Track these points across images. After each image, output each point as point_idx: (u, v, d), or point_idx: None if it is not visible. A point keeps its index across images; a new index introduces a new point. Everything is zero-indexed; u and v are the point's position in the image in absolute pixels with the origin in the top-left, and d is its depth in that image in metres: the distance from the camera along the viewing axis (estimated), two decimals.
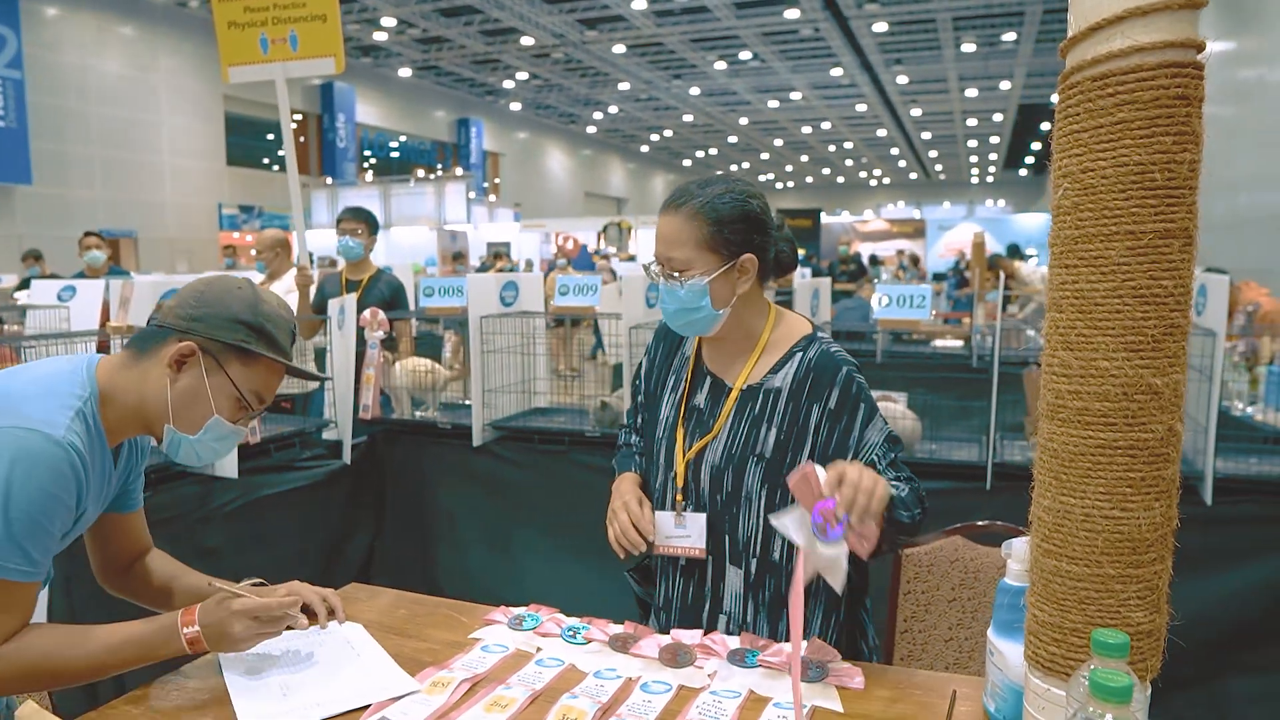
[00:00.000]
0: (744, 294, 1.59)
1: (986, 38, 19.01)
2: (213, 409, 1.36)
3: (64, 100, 15.09)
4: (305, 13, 4.08)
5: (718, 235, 1.54)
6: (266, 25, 4.12)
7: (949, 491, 3.12)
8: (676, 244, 1.55)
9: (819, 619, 1.60)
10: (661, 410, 1.72)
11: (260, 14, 4.12)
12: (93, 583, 2.63)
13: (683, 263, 1.55)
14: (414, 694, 1.29)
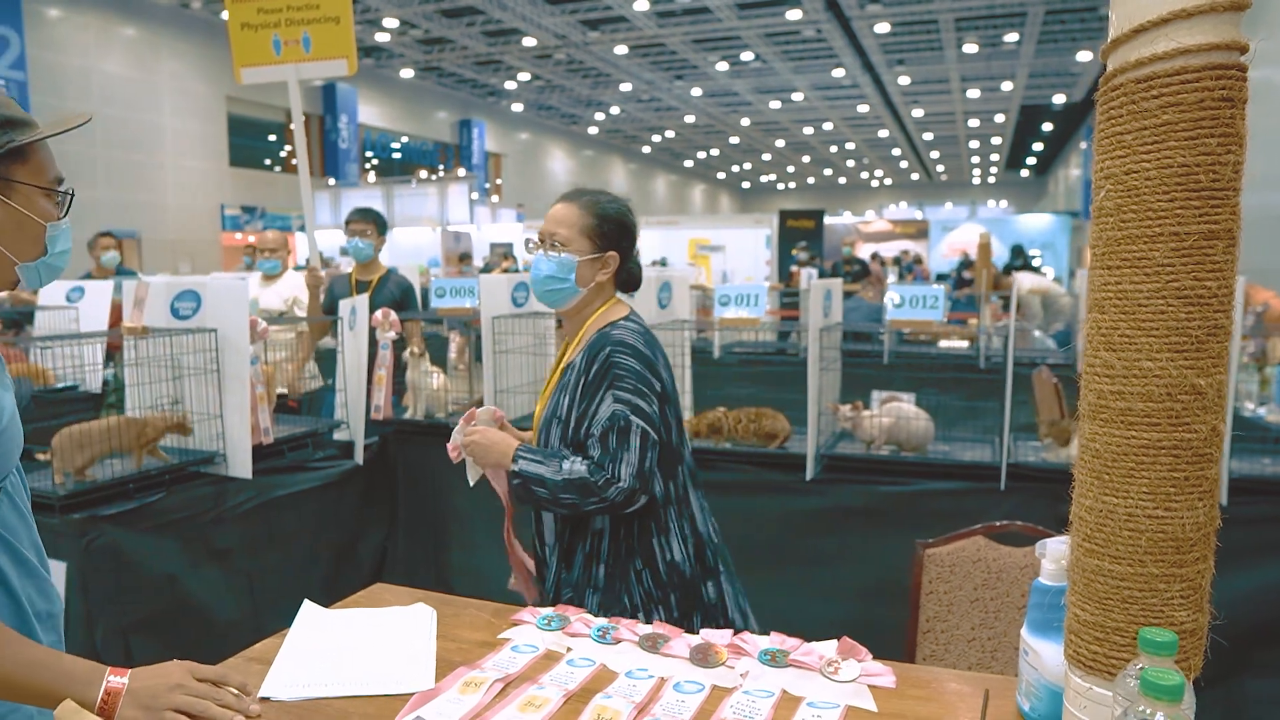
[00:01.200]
0: (601, 283, 1.92)
1: (989, 38, 19.01)
2: (39, 221, 1.27)
3: (67, 102, 15.08)
4: (319, 14, 4.08)
5: (597, 228, 1.90)
6: (280, 27, 4.13)
7: (962, 492, 3.12)
8: (563, 224, 1.91)
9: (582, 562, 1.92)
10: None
11: (274, 15, 4.13)
12: (109, 580, 2.64)
13: (563, 240, 1.89)
14: (447, 694, 1.30)
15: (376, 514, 3.71)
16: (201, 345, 2.97)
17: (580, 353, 1.89)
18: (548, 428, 1.91)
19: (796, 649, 1.42)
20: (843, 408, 3.33)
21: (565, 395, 1.88)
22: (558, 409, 1.89)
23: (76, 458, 2.71)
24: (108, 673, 1.19)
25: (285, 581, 3.21)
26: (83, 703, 1.15)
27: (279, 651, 1.45)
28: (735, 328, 3.74)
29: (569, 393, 1.87)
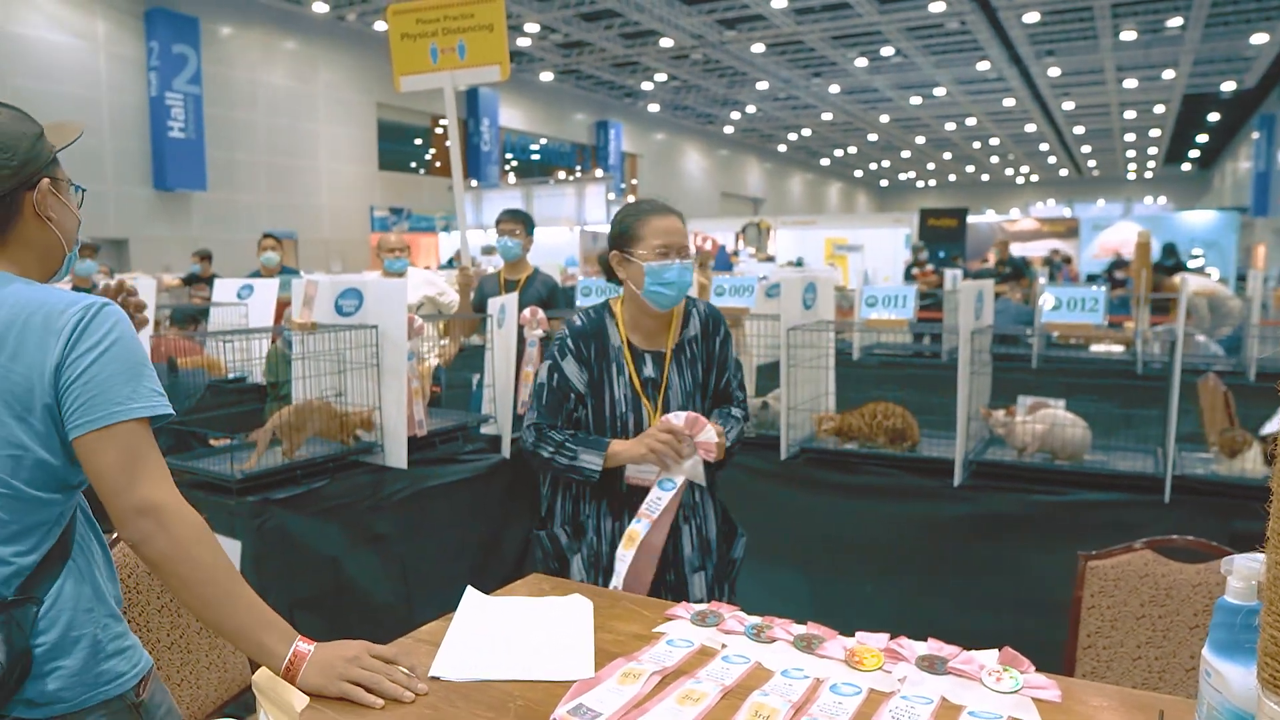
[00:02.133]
0: None
1: (1149, 24, 17.94)
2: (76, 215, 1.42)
3: (234, 111, 16.14)
4: (474, 23, 4.24)
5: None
6: (437, 35, 4.30)
7: (1123, 504, 2.98)
8: (684, 235, 2.13)
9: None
10: (612, 393, 2.11)
11: (432, 25, 4.31)
12: (278, 559, 2.82)
13: (688, 250, 2.11)
14: (607, 683, 1.33)
15: (521, 507, 3.82)
16: (362, 341, 3.13)
17: (691, 331, 2.19)
18: (690, 402, 2.15)
19: (955, 656, 1.39)
20: (996, 413, 3.23)
21: (697, 367, 2.17)
22: (697, 380, 2.17)
23: (295, 435, 2.96)
24: (298, 638, 1.33)
25: (436, 568, 3.35)
26: (272, 655, 1.30)
27: (446, 634, 1.52)
28: (874, 329, 3.68)
29: (699, 363, 2.17)
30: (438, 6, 4.27)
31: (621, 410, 2.11)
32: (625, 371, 2.12)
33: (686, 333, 2.18)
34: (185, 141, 14.80)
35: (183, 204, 15.36)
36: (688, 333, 2.18)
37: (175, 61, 14.52)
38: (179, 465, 2.94)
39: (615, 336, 2.14)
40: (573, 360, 2.12)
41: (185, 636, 1.89)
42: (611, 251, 2.16)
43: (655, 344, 2.16)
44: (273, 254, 6.27)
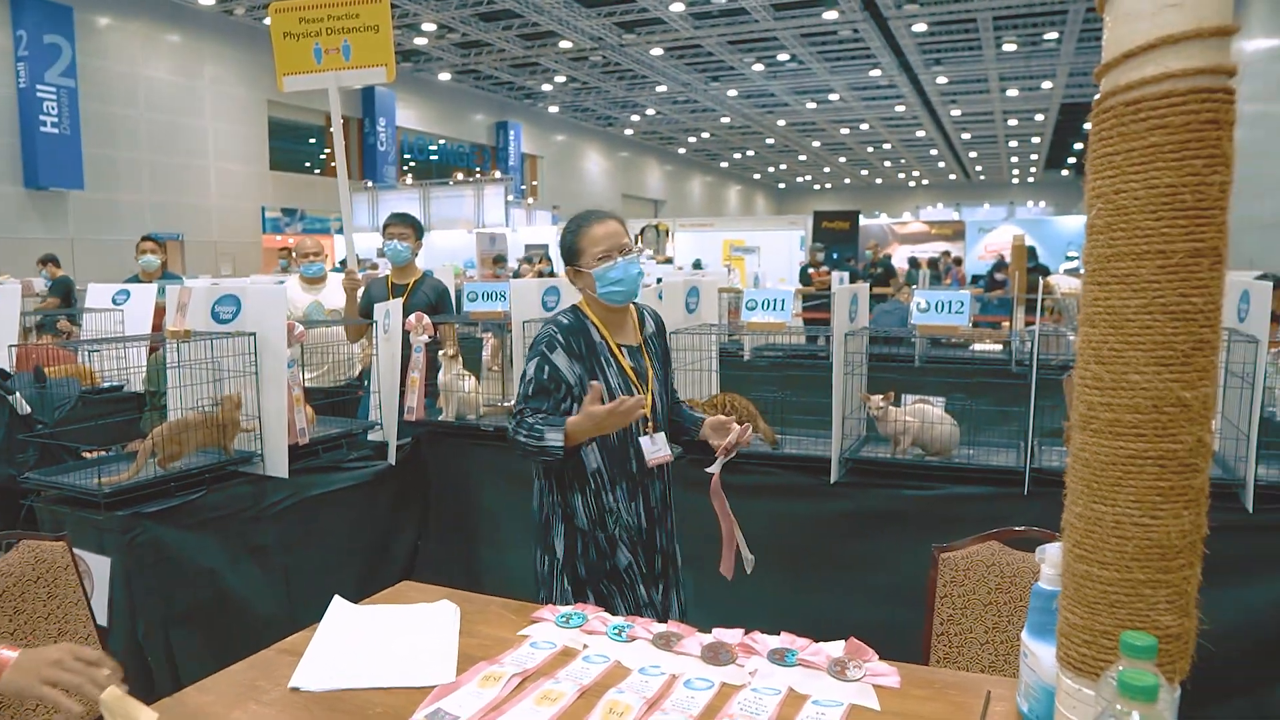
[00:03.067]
0: None
1: (1028, 37, 18.81)
2: None
3: (114, 107, 15.46)
4: (359, 23, 4.18)
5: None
6: (320, 35, 4.22)
7: (987, 497, 3.13)
8: (622, 235, 2.31)
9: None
10: (609, 385, 2.22)
11: (315, 24, 4.22)
12: (151, 575, 2.74)
13: (628, 246, 2.28)
14: (467, 687, 1.36)
15: (409, 513, 3.79)
16: (241, 349, 3.07)
17: (649, 327, 2.39)
18: (665, 383, 2.39)
19: (805, 649, 1.46)
20: (874, 397, 3.35)
21: (658, 362, 2.36)
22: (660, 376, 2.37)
23: (171, 448, 2.88)
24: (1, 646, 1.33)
25: (320, 578, 3.29)
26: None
27: (309, 645, 1.52)
28: (763, 331, 3.77)
29: (660, 359, 2.38)
30: (321, 6, 4.19)
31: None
32: (615, 363, 2.26)
33: (646, 329, 2.38)
34: (59, 137, 14.12)
35: (57, 203, 14.64)
36: (647, 329, 2.38)
37: (47, 52, 13.83)
38: (42, 480, 2.82)
39: (596, 333, 2.27)
40: (563, 353, 2.22)
41: None
42: (566, 268, 2.33)
43: (629, 339, 2.33)
44: (152, 257, 6.04)
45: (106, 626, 2.63)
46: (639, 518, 2.29)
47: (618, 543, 2.26)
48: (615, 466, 2.25)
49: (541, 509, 2.32)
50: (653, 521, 2.31)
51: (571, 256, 2.31)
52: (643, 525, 2.29)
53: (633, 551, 2.27)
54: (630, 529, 2.27)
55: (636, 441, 2.26)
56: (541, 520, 2.32)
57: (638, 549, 2.28)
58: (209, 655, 2.75)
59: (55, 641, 1.86)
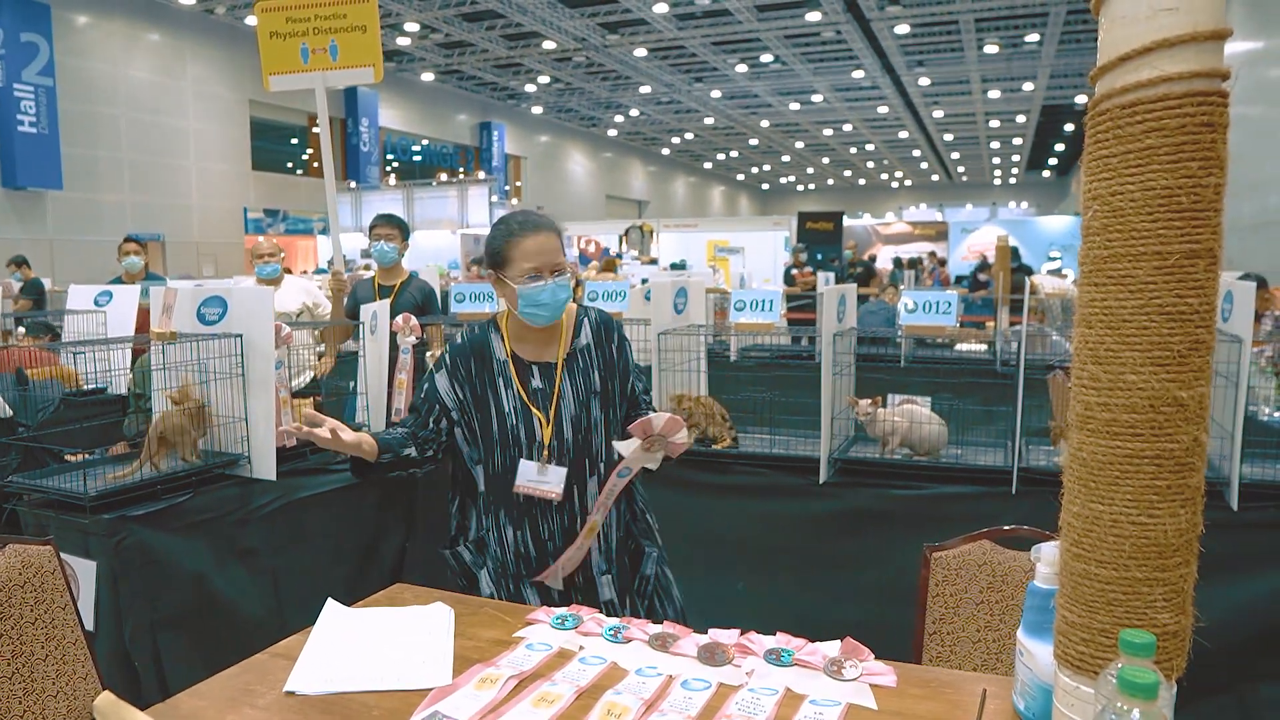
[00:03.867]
0: None
1: (1009, 39, 18.94)
2: None
3: (94, 106, 15.33)
4: (346, 23, 4.17)
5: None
6: (308, 35, 4.21)
7: (974, 496, 3.15)
8: (556, 252, 2.11)
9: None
10: (500, 406, 2.13)
11: (302, 24, 4.21)
12: (138, 579, 2.72)
13: (561, 266, 2.10)
14: (464, 689, 1.35)
15: (396, 516, 3.78)
16: (227, 350, 3.05)
17: (583, 340, 2.20)
18: (586, 405, 2.15)
19: (801, 649, 1.46)
20: (862, 402, 3.36)
21: (591, 375, 2.17)
22: (591, 388, 2.17)
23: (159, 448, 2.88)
24: None
25: (309, 580, 3.28)
26: None
27: (303, 648, 1.51)
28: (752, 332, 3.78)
29: (594, 371, 2.17)
30: (308, 5, 4.18)
31: (512, 422, 2.13)
32: (513, 384, 2.14)
33: (578, 342, 2.20)
34: (37, 136, 13.98)
35: (35, 203, 14.50)
36: (579, 342, 2.20)
37: (24, 50, 13.69)
38: (25, 484, 2.80)
39: (500, 350, 2.16)
40: (445, 376, 2.15)
41: (29, 664, 1.81)
42: (487, 272, 2.18)
43: (544, 355, 2.17)
44: (136, 259, 5.99)
45: (93, 631, 2.61)
46: (525, 547, 2.14)
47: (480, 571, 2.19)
48: (493, 489, 2.16)
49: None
50: (544, 554, 2.13)
51: (497, 262, 2.13)
52: (532, 554, 2.14)
53: (496, 583, 2.15)
54: (497, 561, 2.16)
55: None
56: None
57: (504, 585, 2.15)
58: (197, 659, 2.74)
59: (44, 647, 1.84)
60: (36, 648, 1.82)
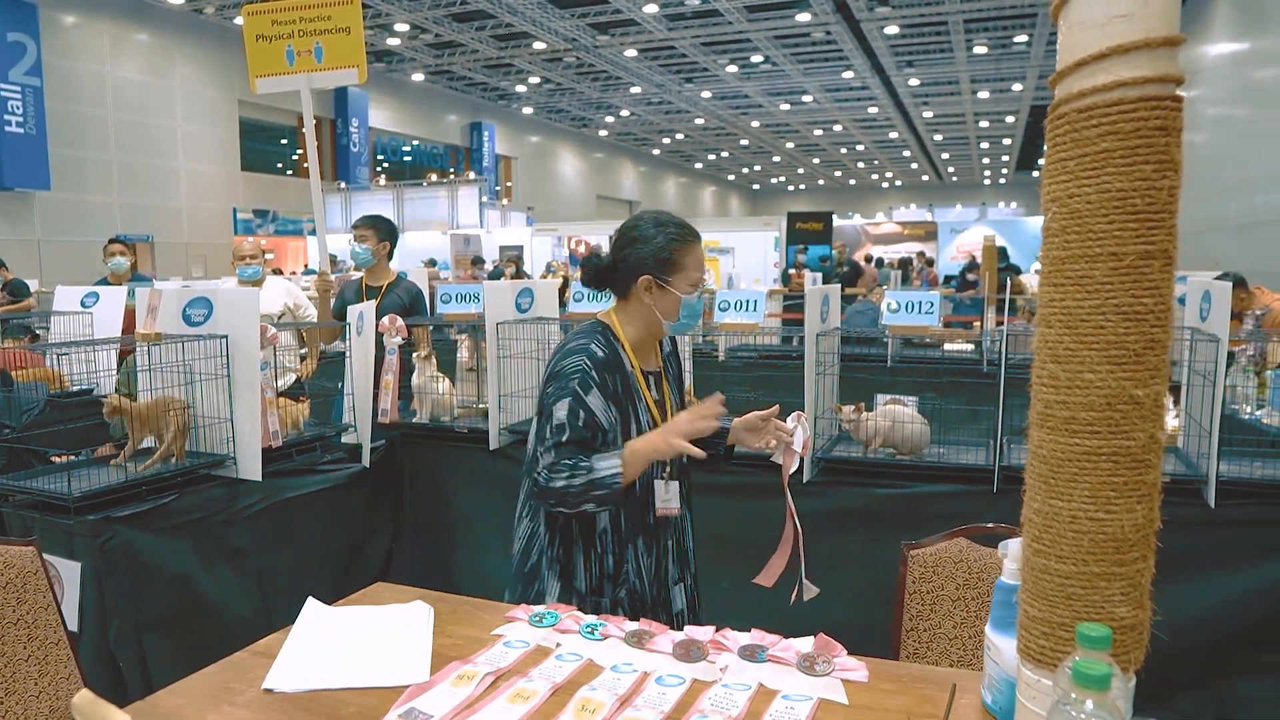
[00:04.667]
0: None
1: (998, 40, 19.03)
2: None
3: (81, 106, 15.29)
4: (330, 25, 4.20)
5: None
6: (293, 38, 4.24)
7: (958, 495, 3.17)
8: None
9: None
10: (639, 425, 1.97)
11: (287, 27, 4.25)
12: (123, 579, 2.73)
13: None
14: (441, 686, 1.37)
15: (383, 516, 3.79)
16: (213, 351, 3.06)
17: (666, 346, 2.13)
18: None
19: (775, 645, 1.48)
20: (846, 408, 3.39)
21: (674, 388, 2.14)
22: (679, 391, 2.18)
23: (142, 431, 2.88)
24: None
25: (295, 581, 3.28)
26: None
27: (282, 646, 1.52)
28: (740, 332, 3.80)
29: (676, 382, 2.16)
30: (293, 8, 4.21)
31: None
32: (643, 398, 1.98)
33: (664, 350, 2.12)
34: (25, 137, 13.93)
35: (23, 204, 14.45)
36: (665, 350, 2.12)
37: (11, 50, 13.65)
38: (10, 485, 2.80)
39: (627, 361, 1.97)
40: (598, 395, 1.87)
41: (10, 665, 1.82)
42: (643, 276, 1.92)
43: (650, 364, 2.04)
44: (122, 259, 5.98)
45: (77, 632, 2.62)
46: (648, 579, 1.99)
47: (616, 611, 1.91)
48: (631, 519, 1.95)
49: (530, 556, 1.98)
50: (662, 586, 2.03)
51: (664, 268, 1.91)
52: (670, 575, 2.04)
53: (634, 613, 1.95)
54: (637, 594, 1.97)
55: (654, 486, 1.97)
56: (527, 570, 1.98)
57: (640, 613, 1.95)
58: (182, 660, 2.74)
59: (25, 647, 1.85)
60: (19, 648, 1.83)
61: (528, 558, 1.97)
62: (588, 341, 1.92)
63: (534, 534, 1.97)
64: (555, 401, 1.86)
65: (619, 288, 1.99)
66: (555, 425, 1.84)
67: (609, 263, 1.98)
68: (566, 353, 1.91)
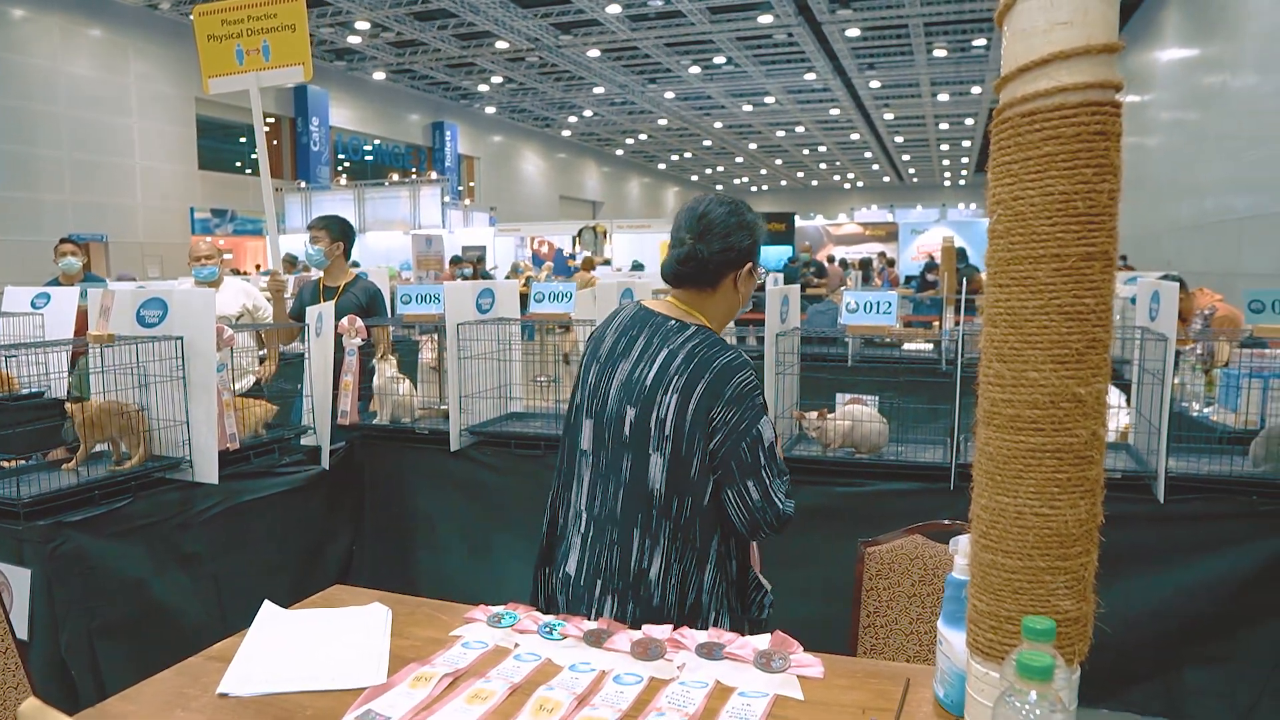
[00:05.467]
0: None
1: (958, 43, 19.27)
2: None
3: (31, 103, 14.97)
4: (276, 23, 4.19)
5: None
6: (241, 37, 4.23)
7: (915, 493, 3.22)
8: None
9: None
10: None
11: (236, 26, 4.23)
12: (74, 586, 2.68)
13: None
14: (398, 688, 1.36)
15: (343, 518, 3.76)
16: (168, 353, 3.01)
17: None
18: None
19: (732, 643, 1.50)
20: (809, 415, 3.41)
21: None
22: None
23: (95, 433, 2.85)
24: None
25: (252, 585, 3.25)
26: None
27: (238, 650, 1.51)
28: None
29: None
30: (240, 7, 4.22)
31: None
32: None
33: None
34: None
35: None
36: None
37: None
38: None
39: None
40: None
41: None
42: (747, 264, 1.86)
43: None
44: (73, 259, 5.87)
45: (27, 641, 2.57)
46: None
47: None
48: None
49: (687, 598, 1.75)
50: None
51: (755, 255, 1.88)
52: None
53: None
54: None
55: None
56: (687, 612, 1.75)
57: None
58: (137, 667, 2.68)
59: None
60: None
61: (683, 603, 1.75)
62: (735, 353, 1.78)
63: (686, 574, 1.75)
64: (758, 419, 1.73)
65: (708, 279, 1.85)
66: (769, 447, 1.73)
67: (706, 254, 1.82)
68: (731, 369, 1.74)
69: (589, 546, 1.79)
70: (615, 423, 1.79)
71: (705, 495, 1.72)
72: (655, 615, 1.70)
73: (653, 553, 1.73)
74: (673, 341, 1.78)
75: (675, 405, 1.72)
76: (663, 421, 1.72)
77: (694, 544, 1.73)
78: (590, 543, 1.79)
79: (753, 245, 1.86)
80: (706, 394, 1.71)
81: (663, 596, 1.72)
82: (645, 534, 1.73)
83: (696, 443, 1.71)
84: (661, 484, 1.72)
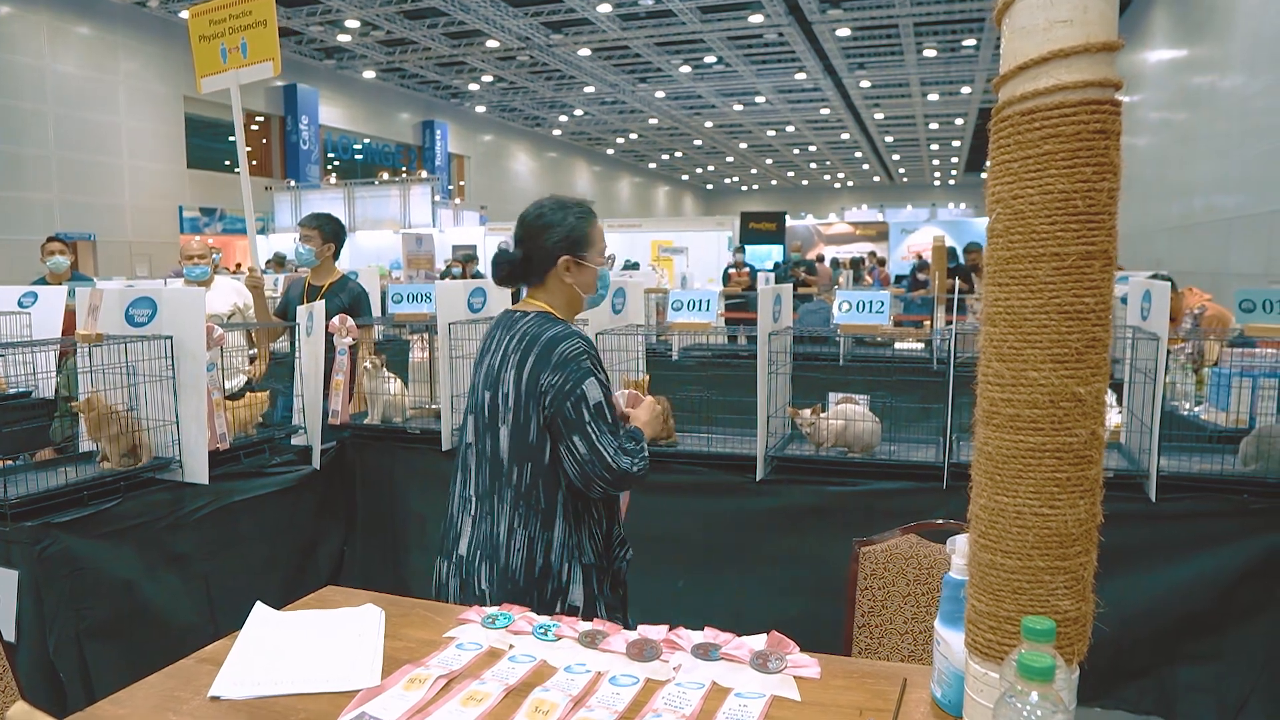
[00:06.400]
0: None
1: (948, 43, 19.31)
2: None
3: (19, 101, 14.86)
4: (251, 20, 4.23)
5: None
6: (225, 35, 4.26)
7: (908, 492, 3.21)
8: None
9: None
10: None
11: (220, 25, 4.28)
12: (63, 587, 2.66)
13: None
14: (392, 690, 1.35)
15: (334, 518, 3.74)
16: (157, 353, 2.99)
17: None
18: None
19: (728, 644, 1.49)
20: (803, 412, 3.41)
21: None
22: None
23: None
24: None
25: (243, 586, 3.23)
26: None
27: (230, 653, 1.49)
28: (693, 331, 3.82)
29: None
30: (224, 5, 4.26)
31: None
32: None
33: None
34: None
35: None
36: None
37: None
38: None
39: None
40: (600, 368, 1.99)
41: None
42: (563, 258, 2.00)
43: None
44: (61, 258, 5.83)
45: (14, 643, 2.54)
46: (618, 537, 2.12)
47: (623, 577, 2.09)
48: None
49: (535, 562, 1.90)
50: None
51: (579, 245, 2.01)
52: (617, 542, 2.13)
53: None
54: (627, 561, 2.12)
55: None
56: (537, 575, 1.90)
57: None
58: (126, 669, 2.67)
59: None
60: None
61: (533, 566, 1.90)
62: (564, 327, 1.97)
63: (533, 540, 1.90)
64: (583, 380, 1.89)
65: (534, 276, 2.04)
66: (594, 406, 1.90)
67: (519, 255, 2.03)
68: (555, 340, 1.92)
69: (476, 526, 1.98)
70: (481, 409, 2.00)
71: (545, 456, 1.91)
72: (506, 577, 1.90)
73: (503, 519, 1.93)
74: (516, 328, 1.99)
75: (513, 379, 1.93)
76: (506, 396, 1.93)
77: (537, 507, 1.91)
78: (477, 522, 1.98)
79: (565, 240, 2.01)
80: (536, 363, 1.91)
81: (508, 559, 1.91)
82: (500, 502, 1.94)
83: (531, 408, 1.90)
84: (508, 453, 1.93)
